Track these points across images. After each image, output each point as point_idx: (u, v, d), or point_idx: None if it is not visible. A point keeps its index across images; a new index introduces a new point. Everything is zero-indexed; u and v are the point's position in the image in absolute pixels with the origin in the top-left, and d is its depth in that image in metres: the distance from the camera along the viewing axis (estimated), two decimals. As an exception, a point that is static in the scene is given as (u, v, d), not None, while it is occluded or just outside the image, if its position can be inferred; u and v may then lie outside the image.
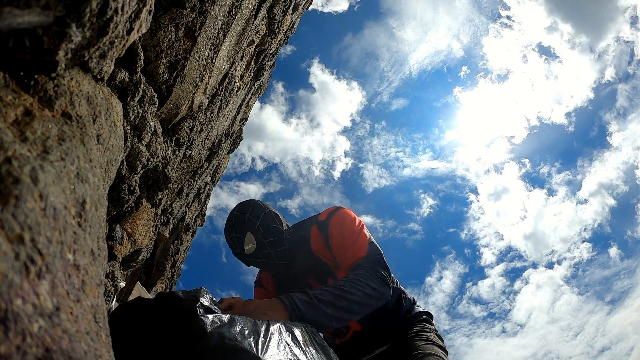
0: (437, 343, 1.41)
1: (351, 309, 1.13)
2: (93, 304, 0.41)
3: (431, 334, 1.45)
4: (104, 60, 0.56)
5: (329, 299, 1.10)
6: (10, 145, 0.33)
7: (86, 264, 0.42)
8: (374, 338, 1.46)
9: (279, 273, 1.55)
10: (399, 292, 1.54)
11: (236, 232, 1.43)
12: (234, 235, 1.43)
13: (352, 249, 1.34)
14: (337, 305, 1.10)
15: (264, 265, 1.48)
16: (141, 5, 0.58)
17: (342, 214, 1.44)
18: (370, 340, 1.46)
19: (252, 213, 1.46)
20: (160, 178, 1.29)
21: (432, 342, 1.40)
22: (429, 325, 1.51)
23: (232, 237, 1.44)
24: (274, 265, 1.45)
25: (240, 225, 1.43)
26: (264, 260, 1.44)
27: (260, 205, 1.49)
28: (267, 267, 1.48)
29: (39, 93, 0.44)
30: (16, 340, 0.26)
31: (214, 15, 1.10)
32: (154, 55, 0.91)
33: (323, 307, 1.07)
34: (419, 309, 1.57)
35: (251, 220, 1.44)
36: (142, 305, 0.76)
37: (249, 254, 1.43)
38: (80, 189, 0.43)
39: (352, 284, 1.16)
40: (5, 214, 0.29)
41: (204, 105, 1.42)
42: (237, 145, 3.27)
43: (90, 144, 0.51)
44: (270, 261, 1.44)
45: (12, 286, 0.27)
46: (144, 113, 0.94)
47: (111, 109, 0.64)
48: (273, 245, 1.43)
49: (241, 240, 1.42)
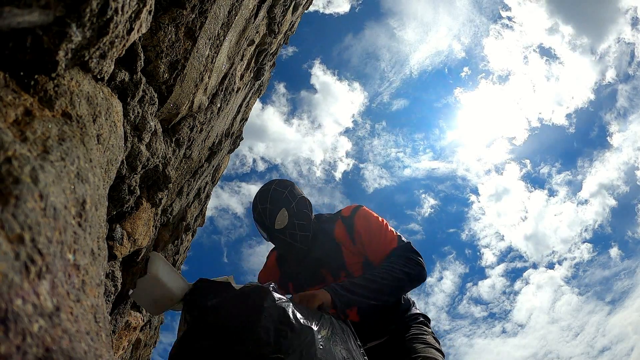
0: (435, 346, 1.42)
1: (383, 291, 1.26)
2: (93, 303, 0.41)
3: (429, 337, 1.46)
4: (104, 60, 0.56)
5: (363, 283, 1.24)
6: (11, 145, 0.33)
7: (86, 263, 0.41)
8: (370, 330, 1.49)
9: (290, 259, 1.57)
10: None
11: (271, 204, 1.45)
12: (267, 206, 1.45)
13: (384, 243, 1.42)
14: (370, 287, 1.24)
15: (284, 244, 1.49)
16: (141, 5, 0.58)
17: (364, 211, 1.50)
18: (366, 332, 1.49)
19: (291, 192, 1.49)
20: (161, 178, 1.29)
21: (431, 344, 1.41)
22: (426, 328, 1.52)
23: (265, 208, 1.46)
24: (294, 247, 1.48)
25: (277, 200, 1.45)
26: (288, 240, 1.46)
27: (297, 189, 1.54)
28: (286, 246, 1.49)
29: (39, 93, 0.44)
30: (16, 340, 0.26)
31: (214, 15, 1.10)
32: (154, 55, 0.91)
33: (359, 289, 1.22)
34: (417, 310, 1.58)
35: (288, 198, 1.47)
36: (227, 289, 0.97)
37: (277, 229, 1.44)
38: (80, 189, 0.43)
39: (384, 271, 1.31)
40: (6, 214, 0.29)
41: (204, 105, 1.42)
42: (237, 145, 3.27)
43: (91, 144, 0.51)
44: (295, 242, 1.46)
45: (12, 286, 0.27)
46: (144, 113, 0.94)
47: (111, 109, 0.64)
48: (301, 228, 1.46)
49: (274, 213, 1.44)
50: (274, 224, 1.45)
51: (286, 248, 1.52)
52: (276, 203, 1.46)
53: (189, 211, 2.44)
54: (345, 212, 1.54)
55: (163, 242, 1.83)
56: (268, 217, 1.45)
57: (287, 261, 1.61)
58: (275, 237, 1.49)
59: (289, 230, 1.46)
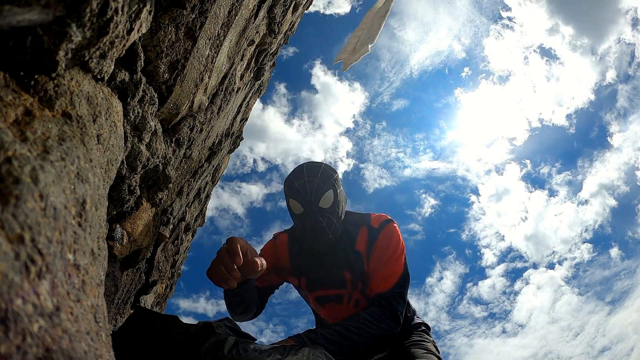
0: (436, 354, 1.41)
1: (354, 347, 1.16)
2: (93, 303, 0.41)
3: (429, 344, 1.46)
4: (104, 60, 0.56)
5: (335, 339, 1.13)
6: (11, 145, 0.33)
7: (86, 263, 0.41)
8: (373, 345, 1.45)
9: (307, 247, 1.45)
10: None
11: (321, 180, 1.36)
12: (317, 181, 1.35)
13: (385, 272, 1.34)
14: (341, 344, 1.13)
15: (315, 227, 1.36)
16: (141, 5, 0.58)
17: (392, 229, 1.41)
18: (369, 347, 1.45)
19: (338, 178, 1.43)
20: (161, 178, 1.29)
21: (431, 351, 1.41)
22: (427, 336, 1.51)
23: (313, 181, 1.35)
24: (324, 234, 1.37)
25: (327, 178, 1.37)
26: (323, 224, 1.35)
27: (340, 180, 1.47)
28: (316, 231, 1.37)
29: (39, 93, 0.44)
30: (16, 340, 0.26)
31: (214, 15, 1.10)
32: (154, 55, 0.91)
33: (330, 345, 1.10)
34: (418, 320, 1.58)
35: (337, 182, 1.41)
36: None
37: (321, 207, 1.35)
38: (80, 189, 0.43)
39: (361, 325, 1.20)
40: (6, 214, 0.29)
41: (204, 105, 1.42)
42: (237, 145, 3.27)
43: (91, 144, 0.51)
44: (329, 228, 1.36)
45: (12, 286, 0.27)
46: (144, 113, 0.94)
47: (111, 109, 0.64)
48: (337, 218, 1.39)
49: (321, 190, 1.35)
50: (319, 200, 1.34)
51: (313, 233, 1.37)
52: (326, 182, 1.36)
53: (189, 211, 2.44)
54: (374, 221, 1.44)
55: (163, 242, 1.83)
56: (315, 191, 1.34)
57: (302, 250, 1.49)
58: (310, 214, 1.35)
59: (328, 214, 1.36)
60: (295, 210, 1.40)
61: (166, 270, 2.21)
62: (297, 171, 1.42)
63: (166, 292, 2.57)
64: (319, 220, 1.35)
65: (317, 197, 1.34)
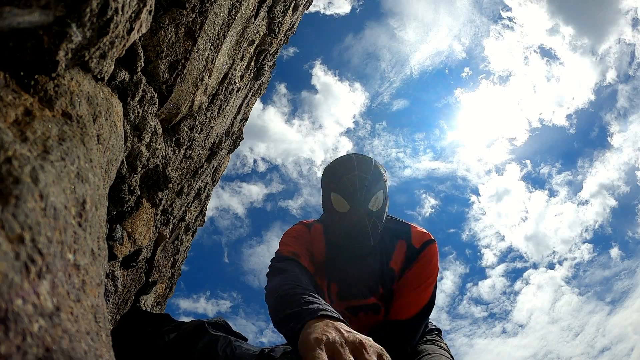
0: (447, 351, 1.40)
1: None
2: (93, 303, 0.41)
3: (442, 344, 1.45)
4: (105, 60, 0.56)
5: None
6: (11, 145, 0.33)
7: (86, 263, 0.42)
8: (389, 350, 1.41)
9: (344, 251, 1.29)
10: None
11: (372, 178, 1.21)
12: (369, 178, 1.21)
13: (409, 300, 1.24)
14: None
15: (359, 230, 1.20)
16: (141, 5, 0.58)
17: (433, 253, 1.28)
18: None
19: (386, 180, 1.28)
20: (161, 178, 1.29)
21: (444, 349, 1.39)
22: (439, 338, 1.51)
23: (364, 178, 1.21)
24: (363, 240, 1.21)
25: (378, 178, 1.23)
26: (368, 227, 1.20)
27: None
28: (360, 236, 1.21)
29: (39, 93, 0.44)
30: (16, 340, 0.26)
31: (214, 15, 1.10)
32: (154, 55, 0.91)
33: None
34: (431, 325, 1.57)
35: (385, 184, 1.27)
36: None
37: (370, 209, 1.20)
38: (80, 189, 0.43)
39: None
40: (6, 213, 0.29)
41: (204, 105, 1.42)
42: (237, 145, 3.27)
43: (91, 144, 0.51)
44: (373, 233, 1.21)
45: (12, 286, 0.27)
46: (144, 113, 0.94)
47: (111, 109, 0.64)
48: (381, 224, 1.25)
49: (372, 190, 1.20)
50: (369, 200, 1.20)
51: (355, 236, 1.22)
52: (377, 181, 1.22)
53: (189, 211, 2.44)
54: (415, 239, 1.29)
55: (163, 242, 1.83)
56: (365, 190, 1.19)
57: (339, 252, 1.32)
58: (357, 215, 1.19)
59: (375, 218, 1.21)
60: (338, 207, 1.23)
61: (166, 270, 2.21)
62: (346, 162, 1.25)
63: (166, 292, 2.57)
64: (364, 224, 1.20)
65: (367, 196, 1.20)
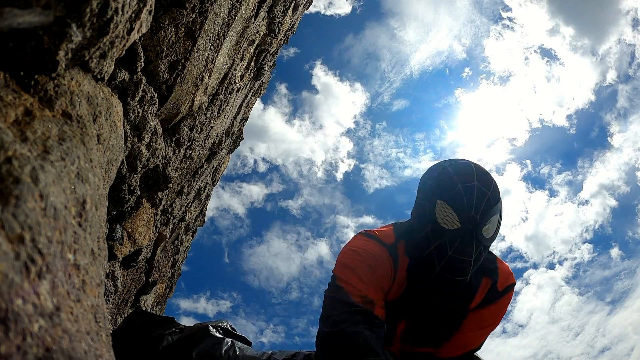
0: None
1: None
2: (93, 303, 0.41)
3: None
4: (105, 60, 0.57)
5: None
6: (11, 145, 0.33)
7: (86, 263, 0.42)
8: None
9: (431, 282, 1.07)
10: None
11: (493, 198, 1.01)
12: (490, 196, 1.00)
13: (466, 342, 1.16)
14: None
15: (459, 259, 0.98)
16: (141, 5, 0.58)
17: (509, 300, 1.17)
18: None
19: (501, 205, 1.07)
20: (161, 178, 1.29)
21: None
22: None
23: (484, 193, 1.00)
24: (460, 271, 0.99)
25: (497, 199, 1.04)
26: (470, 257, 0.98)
27: None
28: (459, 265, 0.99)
29: (39, 93, 0.44)
30: (16, 340, 0.26)
31: (214, 15, 1.10)
32: (155, 55, 0.91)
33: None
34: None
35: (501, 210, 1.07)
36: None
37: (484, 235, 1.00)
38: (80, 189, 0.43)
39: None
40: (6, 213, 0.29)
41: (204, 105, 1.42)
42: (237, 145, 3.27)
43: (91, 144, 0.51)
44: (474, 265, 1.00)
45: (12, 286, 0.27)
46: (144, 113, 0.94)
47: (111, 109, 0.64)
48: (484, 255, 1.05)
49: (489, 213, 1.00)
50: (485, 223, 0.99)
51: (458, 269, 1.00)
52: (497, 201, 1.03)
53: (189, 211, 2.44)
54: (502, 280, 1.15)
55: (163, 242, 1.83)
56: (483, 208, 0.99)
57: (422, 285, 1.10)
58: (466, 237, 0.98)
59: (483, 247, 1.01)
60: (443, 221, 1.00)
61: (166, 270, 2.21)
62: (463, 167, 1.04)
63: (166, 292, 2.57)
64: (470, 251, 0.98)
65: (484, 218, 0.99)
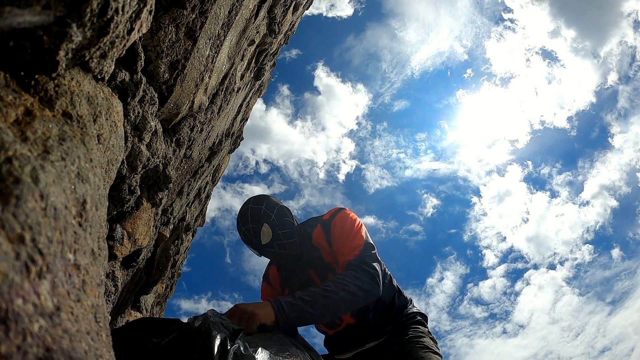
0: (433, 349, 1.43)
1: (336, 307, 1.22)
2: (94, 303, 0.41)
3: (426, 339, 1.46)
4: (105, 60, 0.57)
5: (313, 299, 1.19)
6: (11, 145, 0.33)
7: (87, 263, 0.42)
8: (367, 332, 1.50)
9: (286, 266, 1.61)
10: (394, 289, 1.57)
11: (252, 223, 1.49)
12: (250, 226, 1.49)
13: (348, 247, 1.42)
14: (320, 303, 1.19)
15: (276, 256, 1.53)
16: (142, 5, 0.58)
17: (343, 214, 1.52)
18: (363, 334, 1.51)
19: (268, 206, 1.53)
20: (161, 178, 1.29)
21: (429, 348, 1.42)
22: (423, 328, 1.52)
23: (247, 227, 1.50)
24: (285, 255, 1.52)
25: (256, 217, 1.50)
26: (278, 250, 1.50)
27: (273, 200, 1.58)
28: (279, 257, 1.54)
29: (39, 93, 0.44)
30: (17, 340, 0.26)
31: (214, 15, 1.10)
32: (155, 55, 0.91)
33: (307, 307, 1.17)
34: (414, 309, 1.58)
35: (267, 212, 1.51)
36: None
37: (265, 244, 1.49)
38: (80, 189, 0.43)
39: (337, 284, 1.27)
40: (6, 213, 0.29)
41: (204, 105, 1.42)
42: (237, 145, 3.27)
43: (91, 144, 0.51)
44: (284, 251, 1.51)
45: (12, 286, 0.27)
46: (145, 113, 0.94)
47: (112, 109, 0.64)
48: (286, 236, 1.51)
49: (257, 231, 1.49)
50: (260, 240, 1.49)
51: (280, 258, 1.56)
52: (257, 220, 1.50)
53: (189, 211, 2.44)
54: (326, 215, 1.57)
55: (163, 242, 1.83)
56: (253, 235, 1.50)
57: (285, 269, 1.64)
58: (266, 252, 1.53)
59: (276, 242, 1.50)
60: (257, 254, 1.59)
61: (167, 270, 2.21)
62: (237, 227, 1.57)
63: (166, 292, 2.57)
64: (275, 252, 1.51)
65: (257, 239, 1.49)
